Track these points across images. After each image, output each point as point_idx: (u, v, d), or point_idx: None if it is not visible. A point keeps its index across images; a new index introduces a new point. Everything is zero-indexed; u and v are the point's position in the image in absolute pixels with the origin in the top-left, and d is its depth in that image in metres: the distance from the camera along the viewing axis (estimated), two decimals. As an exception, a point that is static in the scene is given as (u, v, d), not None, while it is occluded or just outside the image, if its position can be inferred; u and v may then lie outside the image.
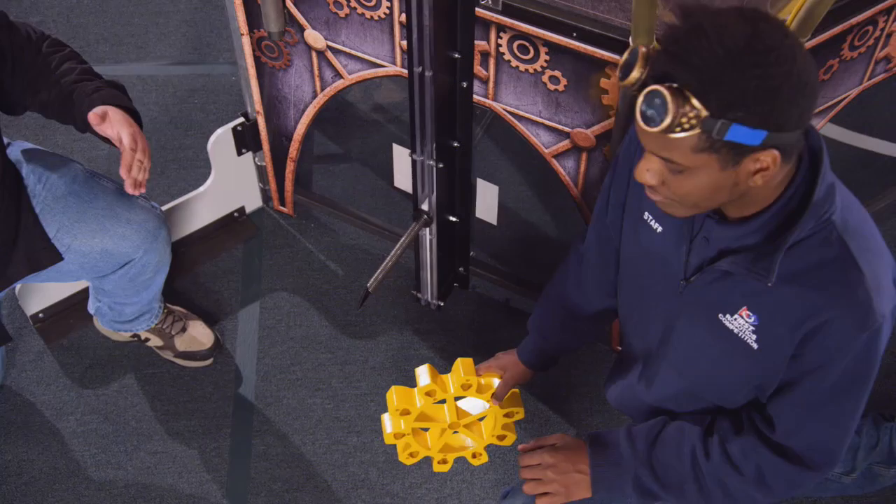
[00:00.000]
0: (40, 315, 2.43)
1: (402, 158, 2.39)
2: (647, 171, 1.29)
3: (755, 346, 1.43)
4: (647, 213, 1.53)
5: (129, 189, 1.82)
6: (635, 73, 1.21)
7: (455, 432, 1.83)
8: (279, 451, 2.25)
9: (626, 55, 1.24)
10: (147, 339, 2.37)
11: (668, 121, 1.16)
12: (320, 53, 2.16)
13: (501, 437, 1.84)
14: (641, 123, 1.20)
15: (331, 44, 2.12)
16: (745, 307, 1.42)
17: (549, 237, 2.65)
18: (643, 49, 1.22)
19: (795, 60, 1.17)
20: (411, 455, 1.83)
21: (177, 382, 2.37)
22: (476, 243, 2.60)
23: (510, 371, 1.83)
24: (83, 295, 2.41)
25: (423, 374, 1.75)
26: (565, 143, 1.98)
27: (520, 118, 2.00)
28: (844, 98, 2.02)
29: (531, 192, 2.71)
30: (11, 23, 1.85)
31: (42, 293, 2.40)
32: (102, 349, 2.42)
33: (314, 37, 2.12)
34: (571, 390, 2.35)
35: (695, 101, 1.15)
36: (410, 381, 2.40)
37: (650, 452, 1.58)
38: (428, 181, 2.14)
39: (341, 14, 2.03)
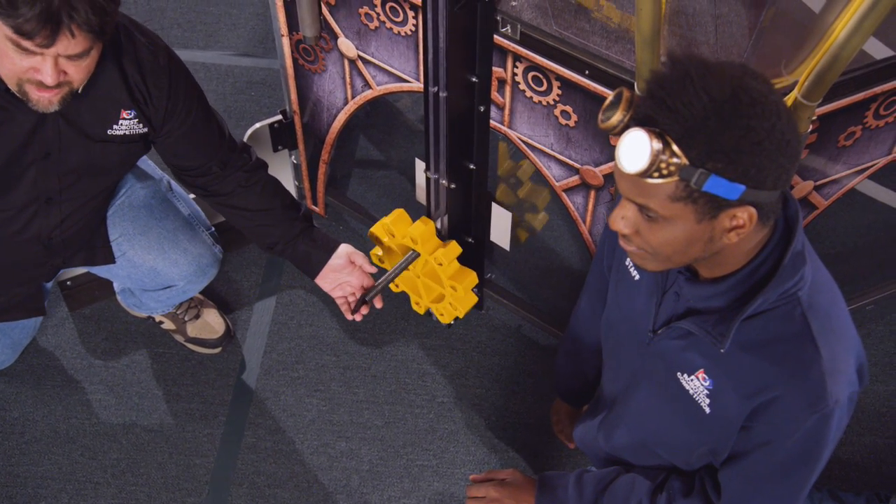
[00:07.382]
0: (68, 283, 2.52)
1: (422, 174, 2.40)
2: (622, 219, 1.27)
3: (707, 409, 1.40)
4: (628, 259, 1.51)
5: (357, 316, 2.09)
6: (618, 116, 1.19)
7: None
8: (268, 446, 2.29)
9: (609, 98, 1.22)
10: (161, 322, 2.44)
11: (646, 164, 1.14)
12: (352, 62, 2.19)
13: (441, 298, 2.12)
14: (620, 166, 1.18)
15: (361, 54, 2.14)
16: (702, 369, 1.39)
17: (565, 268, 2.62)
18: (627, 92, 1.20)
19: (780, 117, 1.15)
20: (380, 260, 2.14)
21: (183, 365, 2.43)
22: (497, 267, 2.59)
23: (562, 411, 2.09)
24: (109, 269, 2.49)
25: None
26: (575, 179, 1.96)
27: (533, 148, 1.99)
28: (870, 166, 1.94)
29: (548, 221, 2.69)
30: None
31: (72, 262, 2.49)
32: (120, 323, 2.50)
33: (346, 45, 2.15)
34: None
35: (675, 148, 1.13)
36: (409, 392, 2.41)
37: (597, 500, 1.55)
38: (441, 200, 2.14)
39: (371, 26, 2.06)
